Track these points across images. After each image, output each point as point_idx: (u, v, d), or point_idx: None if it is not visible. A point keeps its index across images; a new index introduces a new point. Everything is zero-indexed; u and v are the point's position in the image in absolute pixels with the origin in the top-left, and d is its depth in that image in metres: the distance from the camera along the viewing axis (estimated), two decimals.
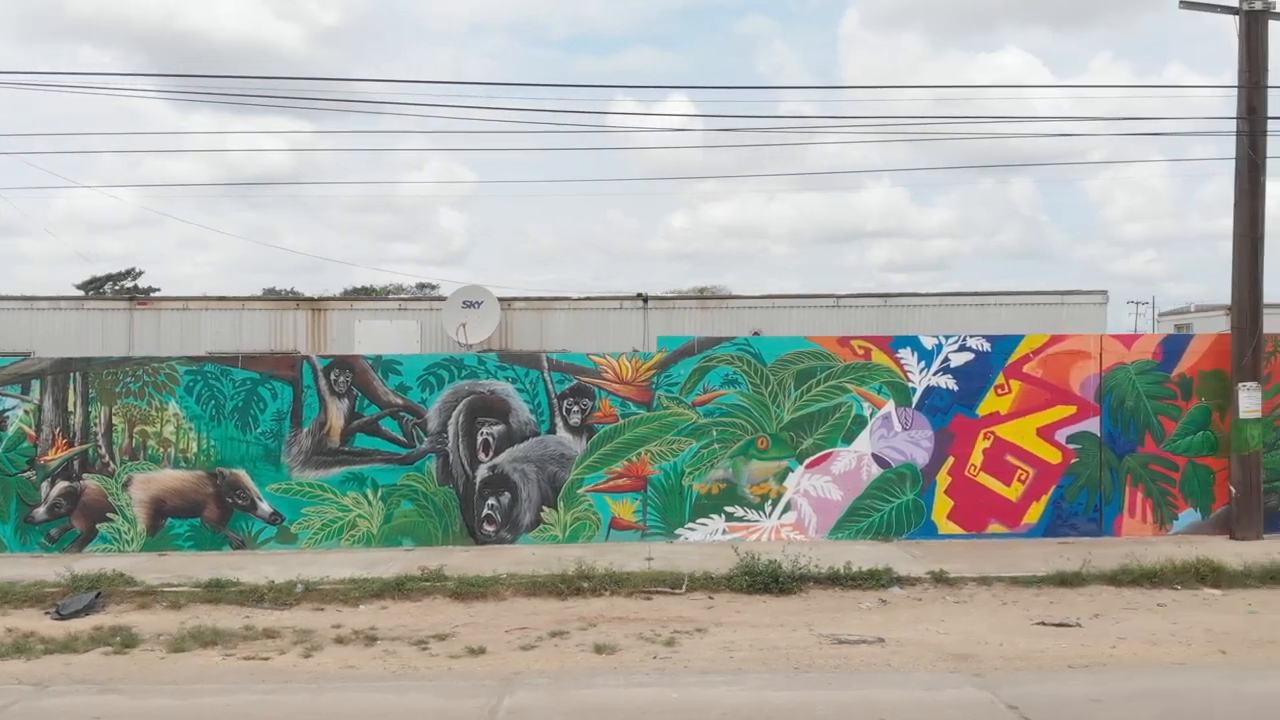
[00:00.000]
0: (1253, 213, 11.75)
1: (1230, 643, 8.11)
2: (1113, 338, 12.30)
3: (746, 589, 9.91)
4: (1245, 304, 11.84)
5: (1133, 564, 10.17)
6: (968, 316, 18.04)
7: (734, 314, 19.00)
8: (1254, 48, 11.72)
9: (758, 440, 12.17)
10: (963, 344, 12.21)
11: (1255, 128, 11.70)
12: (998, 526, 12.15)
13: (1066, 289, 18.82)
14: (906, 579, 10.21)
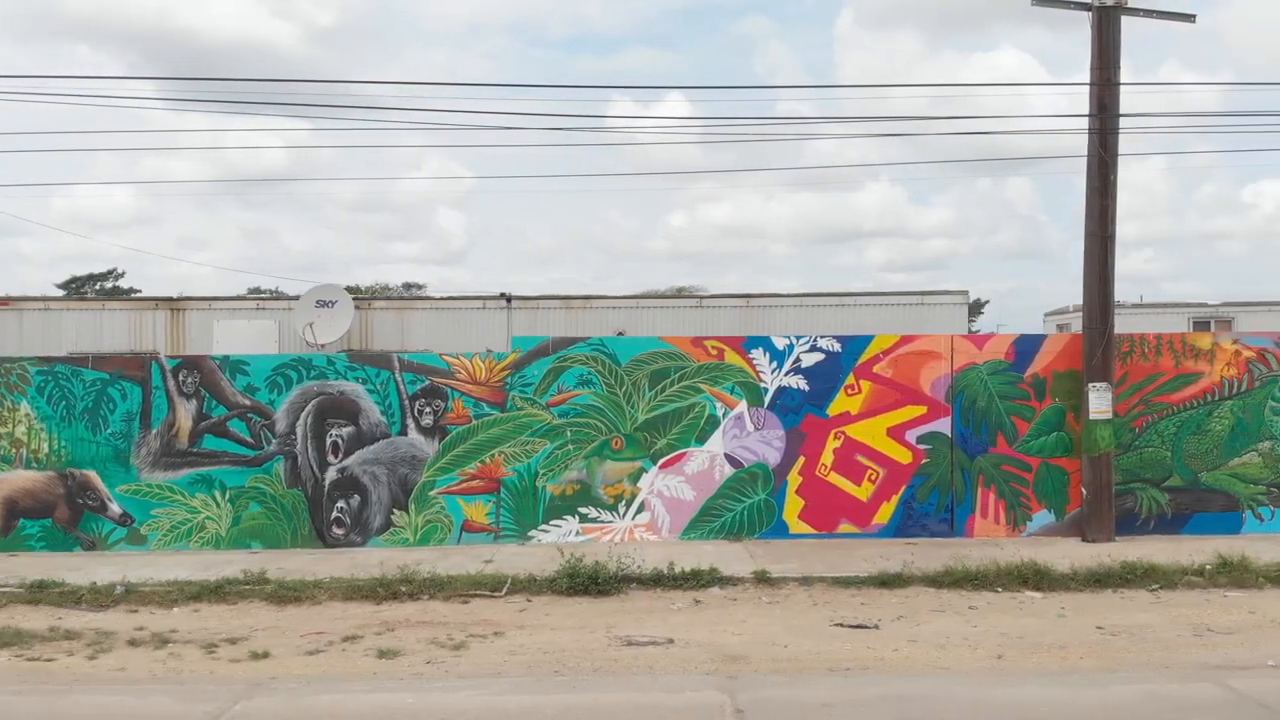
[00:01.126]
0: (1103, 210, 11.72)
1: (1016, 647, 8.07)
2: (964, 338, 12.26)
3: (567, 591, 9.85)
4: (1095, 303, 11.81)
5: (957, 565, 10.14)
6: (830, 317, 18.01)
7: (599, 314, 18.93)
8: (1105, 44, 11.68)
9: (612, 441, 12.11)
10: (814, 344, 12.16)
11: (1106, 125, 11.66)
12: (849, 526, 12.11)
13: (927, 290, 18.80)
14: (730, 579, 10.16)
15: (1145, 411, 12.12)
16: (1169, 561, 10.27)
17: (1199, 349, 12.15)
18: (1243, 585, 9.80)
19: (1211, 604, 9.30)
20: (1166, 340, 12.21)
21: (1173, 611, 9.06)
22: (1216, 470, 12.09)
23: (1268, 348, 12.21)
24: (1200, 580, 9.96)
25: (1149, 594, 9.67)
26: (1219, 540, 11.51)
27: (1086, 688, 6.92)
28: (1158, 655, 7.74)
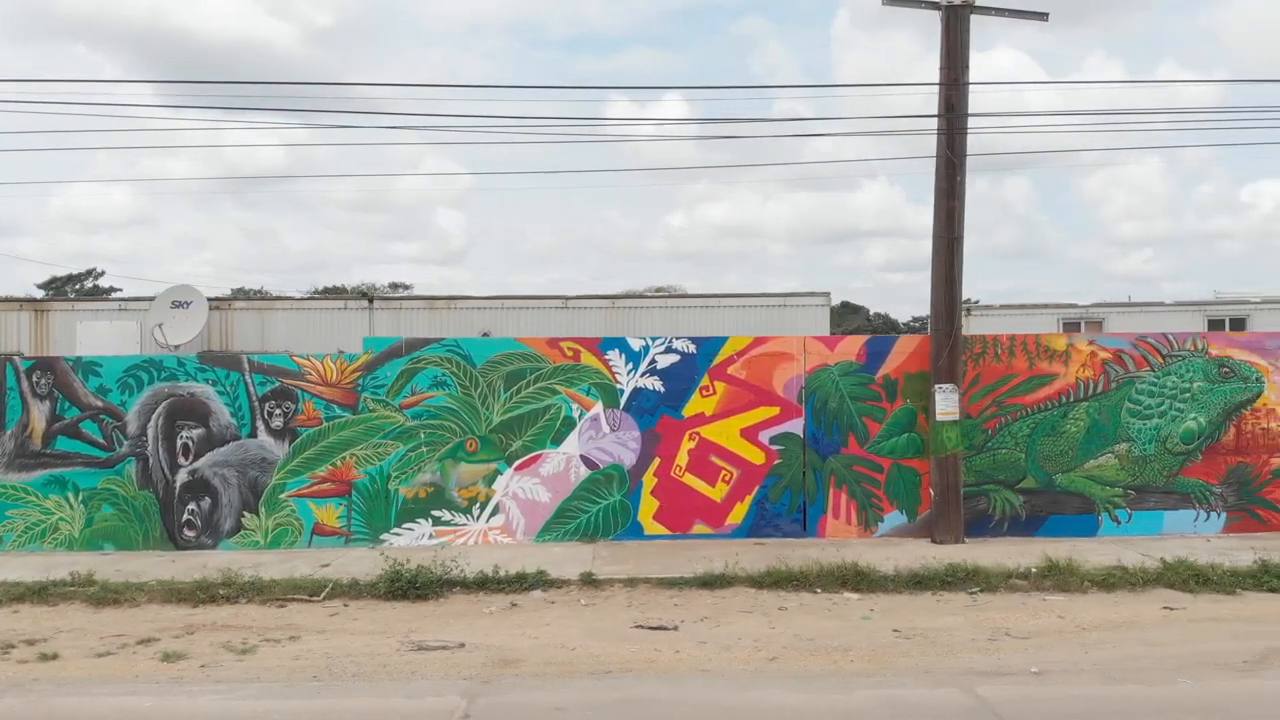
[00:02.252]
0: (950, 212, 11.68)
1: (798, 650, 8.03)
2: (816, 339, 12.22)
3: (386, 595, 9.80)
4: (942, 305, 11.78)
5: (780, 566, 10.12)
6: (694, 318, 17.96)
7: (463, 315, 18.87)
8: (953, 43, 11.65)
9: (466, 443, 12.07)
10: (669, 346, 12.12)
11: (953, 126, 11.63)
12: (703, 527, 12.08)
13: (789, 291, 18.78)
14: (557, 582, 10.12)
15: (998, 413, 12.10)
16: (995, 564, 10.24)
17: (1054, 350, 12.13)
18: (1066, 589, 9.77)
19: (1026, 608, 9.27)
20: (1020, 341, 12.18)
21: (981, 615, 9.03)
22: (1072, 472, 12.07)
23: (1124, 349, 12.18)
24: (1024, 584, 9.93)
25: (967, 597, 9.64)
26: (1072, 543, 11.55)
27: (832, 692, 6.89)
28: (932, 660, 7.70)
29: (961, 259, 11.82)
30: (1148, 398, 12.07)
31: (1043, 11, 11.79)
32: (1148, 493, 12.06)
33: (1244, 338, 12.41)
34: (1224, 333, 12.72)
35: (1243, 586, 9.72)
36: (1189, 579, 9.78)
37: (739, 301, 18.11)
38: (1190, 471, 12.07)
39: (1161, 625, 8.65)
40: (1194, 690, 6.79)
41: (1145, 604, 9.32)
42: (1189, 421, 12.06)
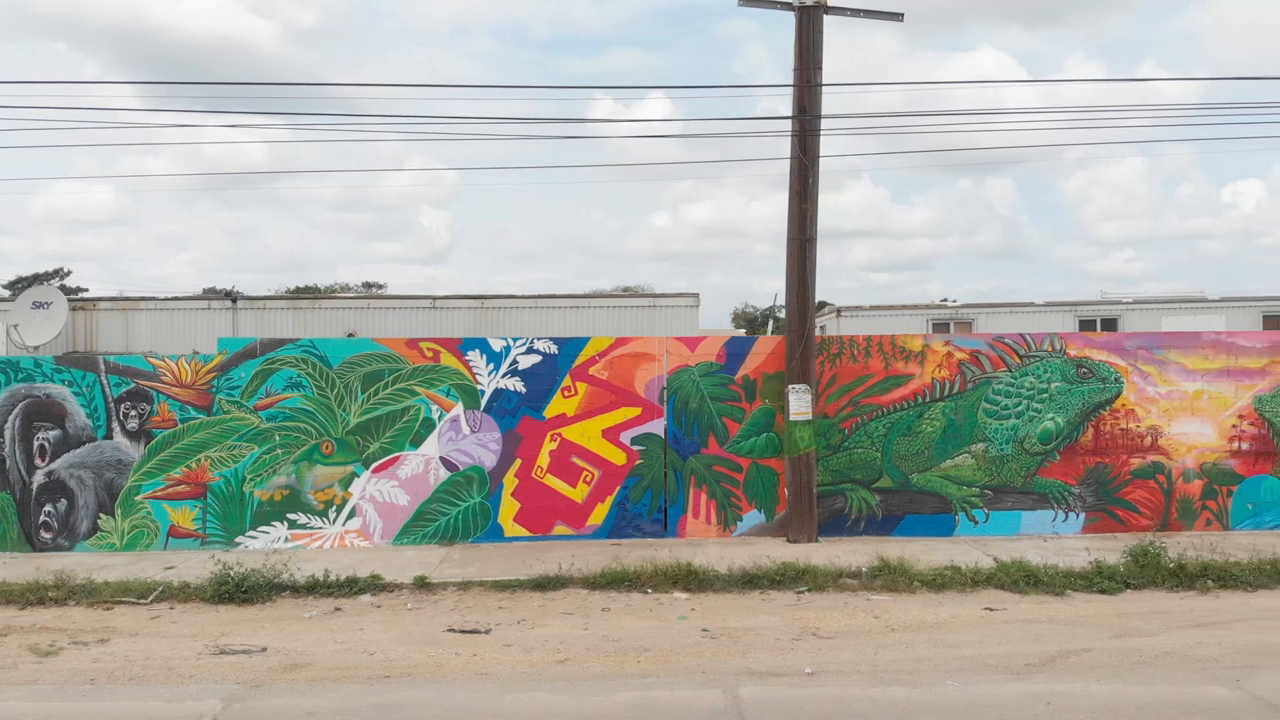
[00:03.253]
0: (803, 214, 11.68)
1: (597, 651, 8.01)
2: (677, 340, 12.20)
3: (213, 599, 9.73)
4: (795, 306, 11.79)
5: (615, 566, 10.11)
6: (564, 318, 17.90)
7: (329, 315, 18.77)
8: (806, 44, 11.65)
9: (322, 445, 12.00)
10: (530, 346, 12.08)
11: (806, 127, 11.63)
12: (563, 528, 12.05)
13: (659, 292, 18.79)
14: (389, 586, 10.08)
15: (855, 413, 12.12)
16: (829, 564, 10.27)
17: (910, 351, 12.16)
18: (895, 589, 9.79)
19: (846, 608, 9.29)
20: (876, 342, 12.20)
21: (797, 615, 9.04)
22: (928, 472, 12.10)
23: (981, 349, 12.22)
24: (854, 583, 9.95)
25: (794, 596, 9.65)
26: (924, 542, 11.59)
27: (595, 694, 6.87)
28: (720, 660, 7.70)
29: (814, 260, 11.83)
30: (1004, 398, 12.11)
31: (897, 12, 11.80)
32: (1005, 493, 12.11)
33: (1102, 338, 12.45)
34: (1082, 333, 12.75)
35: (1074, 588, 9.76)
36: (1020, 580, 9.81)
37: (609, 302, 18.06)
38: (1048, 472, 12.12)
39: (972, 626, 8.67)
40: (954, 693, 6.80)
41: (968, 605, 9.35)
42: (1046, 422, 12.11)
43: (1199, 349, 12.19)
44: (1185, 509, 12.10)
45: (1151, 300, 23.91)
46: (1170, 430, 12.13)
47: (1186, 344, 12.25)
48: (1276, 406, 12.13)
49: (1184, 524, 12.07)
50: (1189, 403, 12.14)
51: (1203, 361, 12.17)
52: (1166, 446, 12.13)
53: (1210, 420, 12.14)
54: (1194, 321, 21.25)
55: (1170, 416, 12.14)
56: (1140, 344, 12.31)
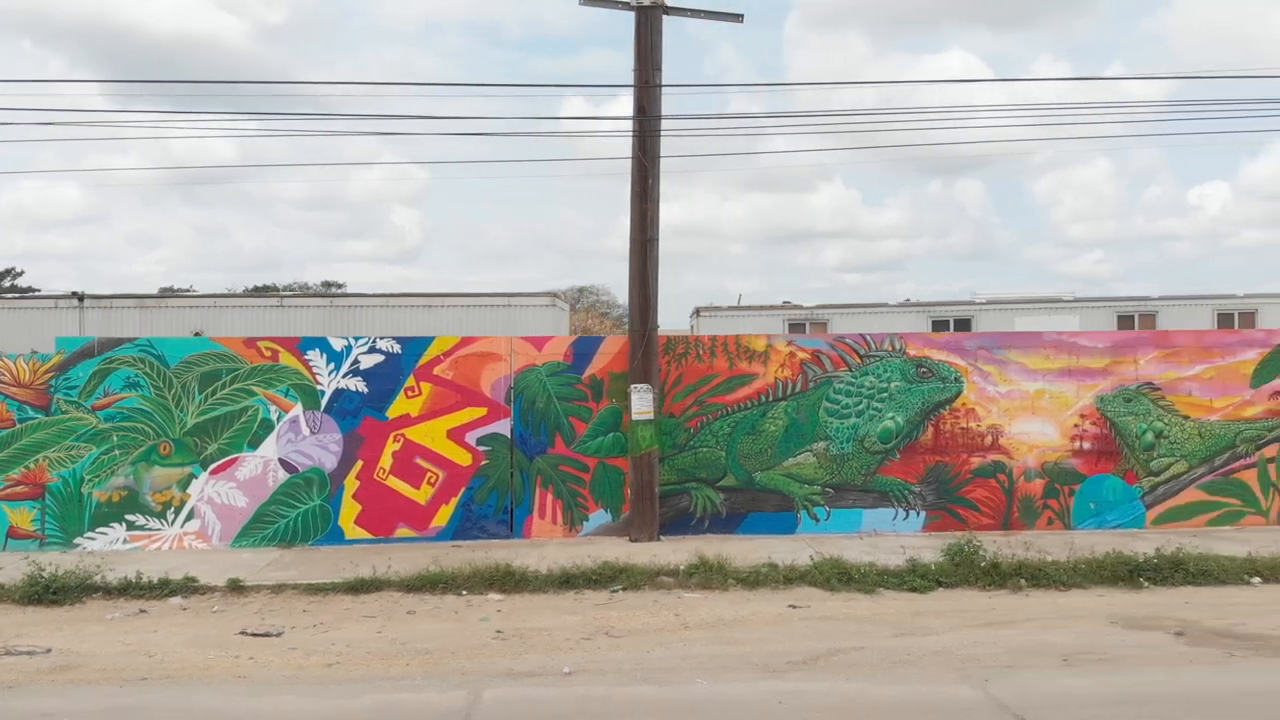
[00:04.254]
0: (644, 214, 11.70)
1: (381, 655, 7.94)
2: (524, 340, 12.17)
3: (23, 599, 9.59)
4: (637, 306, 11.81)
5: (433, 568, 10.05)
6: (418, 317, 17.88)
7: (176, 314, 18.62)
8: (644, 45, 11.66)
9: (160, 446, 11.85)
10: (373, 346, 12.00)
11: (645, 128, 11.64)
12: (406, 530, 11.98)
13: (514, 291, 18.82)
14: (203, 588, 9.96)
15: (700, 412, 12.16)
16: (650, 562, 10.27)
17: (753, 351, 12.21)
18: (709, 587, 9.82)
19: (653, 606, 9.30)
20: (721, 342, 12.25)
21: (601, 614, 9.03)
22: (771, 470, 12.16)
23: (822, 349, 12.30)
24: (671, 581, 9.96)
25: (608, 595, 9.65)
26: (764, 540, 11.65)
27: (343, 698, 6.82)
28: (494, 661, 7.67)
29: (656, 260, 11.85)
30: (845, 397, 12.19)
31: (737, 13, 11.85)
32: (846, 491, 12.19)
33: (942, 338, 12.58)
34: (923, 333, 12.88)
35: (886, 586, 9.82)
36: (833, 578, 9.86)
37: (464, 301, 18.03)
38: (888, 470, 12.21)
39: (768, 624, 8.71)
40: (698, 691, 6.82)
41: (775, 602, 9.39)
42: (887, 421, 12.20)
43: (1040, 349, 12.34)
44: (1027, 508, 12.24)
45: (1005, 301, 24.21)
46: (1011, 429, 12.27)
47: (1027, 344, 12.39)
48: (1118, 406, 12.29)
49: (1025, 523, 12.21)
50: (1030, 402, 12.28)
51: (1044, 361, 12.32)
52: (1007, 446, 12.27)
53: (1052, 420, 12.29)
54: (1048, 322, 21.54)
55: (1011, 416, 12.27)
56: (980, 344, 12.44)
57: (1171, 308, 25.03)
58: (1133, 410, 12.26)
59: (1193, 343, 12.43)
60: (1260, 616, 8.64)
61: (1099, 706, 6.34)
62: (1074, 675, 7.07)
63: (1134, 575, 9.86)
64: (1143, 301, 25.14)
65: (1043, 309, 23.54)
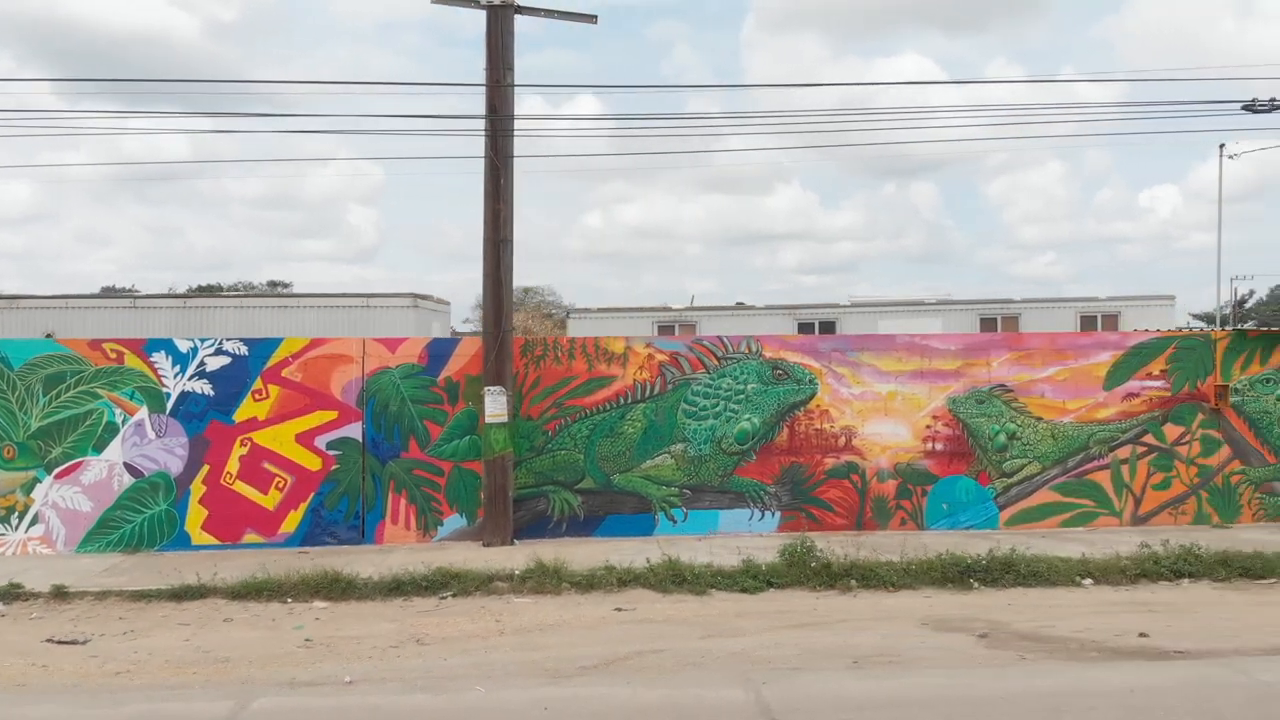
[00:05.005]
0: (496, 214, 11.61)
1: (177, 664, 7.78)
2: (377, 341, 12.02)
3: None
4: (490, 307, 11.72)
5: (260, 575, 9.88)
6: (274, 319, 17.72)
7: (28, 315, 18.30)
8: (495, 44, 11.58)
9: (3, 449, 11.54)
10: (220, 348, 11.78)
11: (497, 128, 11.55)
12: (254, 536, 11.78)
13: (375, 292, 18.77)
14: (26, 594, 9.75)
15: (559, 414, 12.09)
16: (484, 567, 10.18)
17: (612, 353, 12.16)
18: (542, 591, 9.75)
19: (479, 611, 9.22)
20: (580, 344, 12.19)
21: (423, 621, 8.93)
22: (629, 472, 12.12)
23: (681, 351, 12.28)
24: (505, 586, 9.88)
25: (436, 601, 9.54)
26: (618, 542, 11.61)
27: (107, 706, 6.66)
28: (280, 670, 7.53)
29: (510, 260, 11.77)
30: (703, 399, 12.18)
31: (590, 14, 11.81)
32: (703, 492, 12.19)
33: (797, 340, 12.61)
34: (779, 336, 12.91)
35: (719, 587, 9.81)
36: (667, 580, 9.84)
37: (320, 302, 17.85)
38: (745, 471, 12.23)
39: (586, 628, 8.66)
40: (471, 699, 6.74)
41: (603, 605, 9.35)
42: (743, 422, 12.22)
43: (893, 351, 12.42)
44: (880, 508, 12.31)
45: (869, 304, 24.44)
46: (865, 431, 12.33)
47: (880, 346, 12.47)
48: (971, 408, 12.41)
49: (879, 523, 12.28)
50: (883, 403, 12.36)
51: (896, 363, 12.40)
52: (861, 447, 12.33)
53: (904, 421, 12.37)
54: (911, 324, 21.77)
55: (864, 417, 12.34)
56: (834, 346, 12.49)
57: (1034, 310, 25.44)
58: (985, 412, 12.38)
59: (1046, 345, 12.58)
60: (1073, 619, 8.74)
61: (857, 710, 6.36)
62: (855, 678, 7.09)
63: (964, 576, 9.94)
64: (1006, 304, 25.51)
65: (906, 312, 23.76)
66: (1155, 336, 12.84)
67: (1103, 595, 9.68)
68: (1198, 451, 12.52)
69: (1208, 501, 12.53)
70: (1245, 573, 10.14)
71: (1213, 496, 12.53)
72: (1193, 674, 7.07)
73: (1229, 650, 7.64)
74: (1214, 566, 10.18)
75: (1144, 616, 8.77)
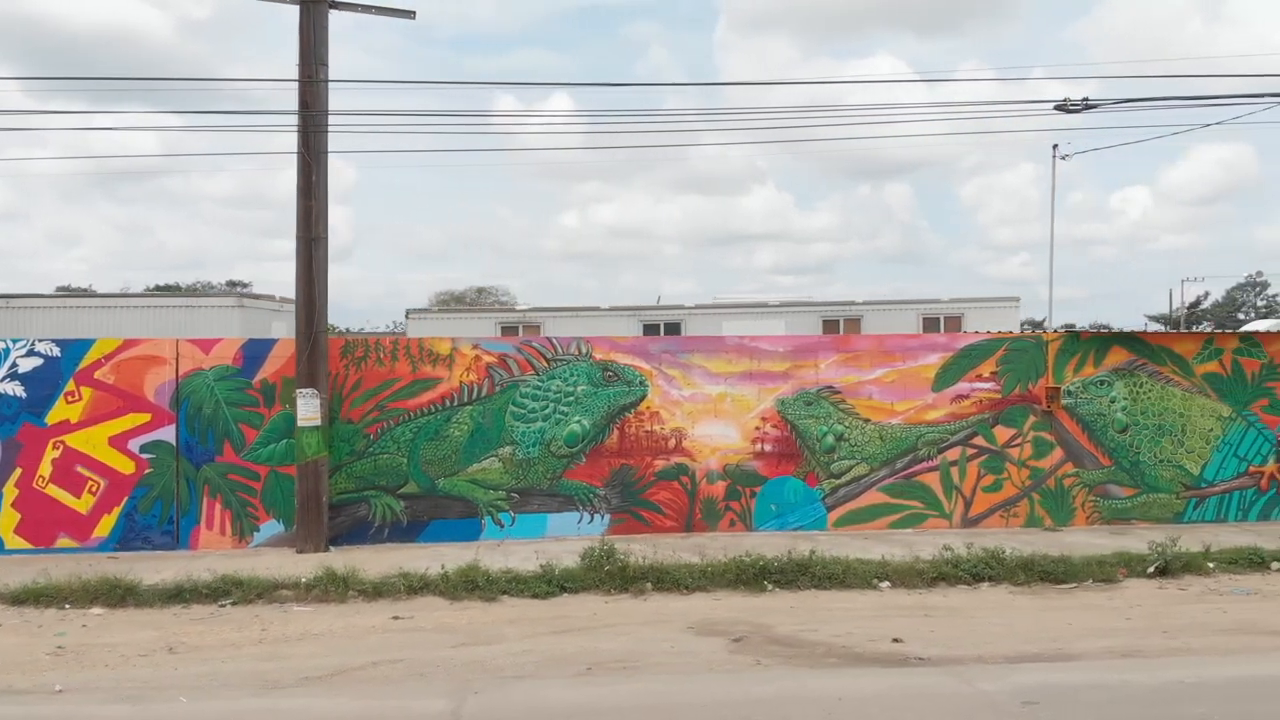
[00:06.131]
0: (308, 211, 11.43)
1: None
2: (190, 342, 11.80)
3: None
4: (303, 306, 11.52)
5: (42, 580, 9.64)
6: (94, 319, 17.51)
7: None
8: (308, 39, 11.39)
9: None
10: (31, 349, 11.51)
11: (309, 124, 11.36)
12: (68, 540, 11.52)
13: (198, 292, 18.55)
14: None
15: (381, 417, 11.91)
16: (271, 574, 9.99)
17: (438, 354, 12.00)
18: (327, 599, 9.57)
19: (254, 619, 9.02)
20: (403, 345, 12.03)
21: (188, 629, 8.71)
22: (455, 476, 11.96)
23: (509, 353, 12.15)
24: (289, 594, 9.68)
25: (215, 608, 9.35)
26: (439, 548, 11.43)
27: None
28: (10, 678, 7.31)
29: (324, 259, 11.59)
30: (532, 401, 12.05)
31: (408, 10, 11.64)
32: (532, 495, 12.05)
33: (628, 342, 12.51)
34: (609, 337, 12.78)
35: (513, 592, 9.67)
36: (459, 586, 9.69)
37: (144, 303, 17.62)
38: (574, 474, 12.10)
39: (348, 637, 8.47)
40: (174, 710, 6.57)
41: (384, 613, 9.18)
42: (573, 425, 12.09)
43: (723, 353, 12.34)
44: (709, 510, 12.23)
45: (713, 306, 24.47)
46: (694, 432, 12.25)
47: (710, 348, 12.39)
48: (799, 409, 12.35)
49: (708, 525, 12.20)
50: (713, 405, 12.28)
51: (726, 365, 12.33)
52: (691, 448, 12.24)
53: (734, 422, 12.30)
54: (755, 326, 21.75)
55: (695, 419, 12.26)
56: (665, 348, 12.41)
57: (877, 313, 25.53)
58: (813, 413, 12.33)
59: (874, 346, 12.55)
60: (842, 623, 8.67)
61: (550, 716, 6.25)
62: (575, 686, 6.98)
63: (759, 578, 9.86)
64: (848, 306, 25.61)
65: (750, 314, 23.77)
66: (985, 338, 12.83)
67: (893, 599, 9.63)
68: (1029, 454, 12.53)
69: (1040, 504, 12.54)
70: (1046, 577, 10.13)
71: (1045, 499, 12.55)
72: (916, 681, 7.02)
73: (972, 657, 7.58)
74: (1015, 570, 10.16)
75: (915, 621, 8.72)
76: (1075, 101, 11.32)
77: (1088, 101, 11.32)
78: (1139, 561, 10.41)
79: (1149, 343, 12.81)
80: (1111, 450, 12.63)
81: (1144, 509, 12.65)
